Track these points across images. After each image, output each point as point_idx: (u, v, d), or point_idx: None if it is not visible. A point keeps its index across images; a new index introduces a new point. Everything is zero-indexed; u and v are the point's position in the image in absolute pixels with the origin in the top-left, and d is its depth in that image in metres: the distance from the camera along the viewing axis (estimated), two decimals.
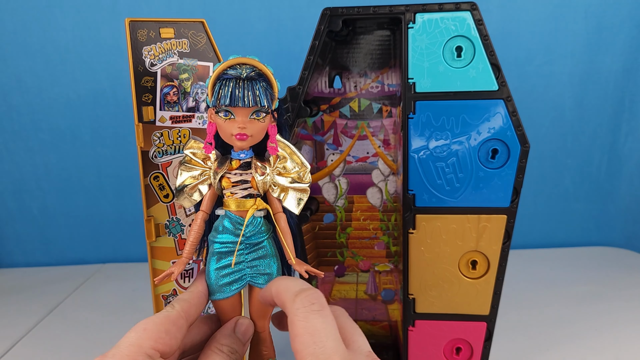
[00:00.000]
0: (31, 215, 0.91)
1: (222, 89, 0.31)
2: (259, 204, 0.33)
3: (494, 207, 0.44)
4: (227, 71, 0.31)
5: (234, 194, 0.33)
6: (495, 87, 0.42)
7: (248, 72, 0.31)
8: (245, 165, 0.33)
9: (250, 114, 0.31)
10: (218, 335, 0.32)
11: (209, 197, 0.34)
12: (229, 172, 0.33)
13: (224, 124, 0.32)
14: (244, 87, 0.30)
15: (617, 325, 0.62)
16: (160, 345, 0.29)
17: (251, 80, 0.31)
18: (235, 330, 0.33)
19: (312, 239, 0.54)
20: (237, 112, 0.31)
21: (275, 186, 0.34)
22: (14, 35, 0.83)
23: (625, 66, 0.83)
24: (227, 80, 0.31)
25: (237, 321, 0.34)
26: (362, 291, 0.56)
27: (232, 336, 0.32)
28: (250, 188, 0.33)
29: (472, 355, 0.48)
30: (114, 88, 0.85)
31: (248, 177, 0.33)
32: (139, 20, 0.44)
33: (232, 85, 0.30)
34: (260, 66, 0.32)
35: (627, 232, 0.91)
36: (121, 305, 0.73)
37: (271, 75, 0.32)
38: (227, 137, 0.32)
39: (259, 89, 0.31)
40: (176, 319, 0.30)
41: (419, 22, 0.42)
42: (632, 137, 0.86)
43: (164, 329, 0.29)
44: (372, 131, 0.52)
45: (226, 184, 0.33)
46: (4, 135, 0.87)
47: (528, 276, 0.77)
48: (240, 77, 0.31)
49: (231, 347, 0.31)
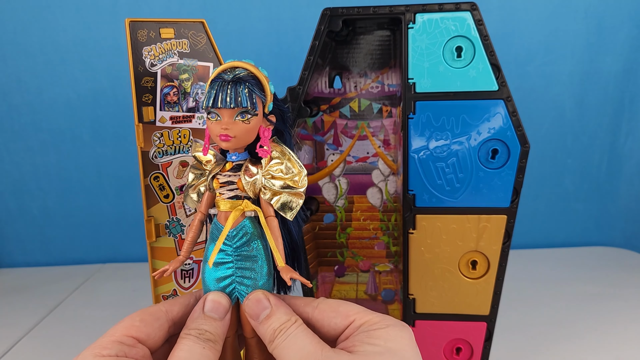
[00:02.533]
0: (31, 215, 0.91)
1: (209, 92, 0.31)
2: (246, 205, 0.33)
3: (494, 207, 0.44)
4: (219, 75, 0.32)
5: (222, 195, 0.33)
6: (495, 87, 0.42)
7: (236, 74, 0.31)
8: (237, 167, 0.34)
9: (235, 116, 0.31)
10: (188, 321, 0.31)
11: (206, 198, 0.35)
12: (220, 173, 0.34)
13: (212, 125, 0.32)
14: (227, 89, 0.31)
15: (617, 325, 0.62)
16: (133, 332, 0.29)
17: (236, 83, 0.31)
18: (205, 309, 0.32)
19: (312, 239, 0.54)
20: (222, 113, 0.31)
21: (266, 189, 0.33)
22: (14, 35, 0.83)
23: (625, 66, 0.83)
24: (214, 83, 0.31)
25: (205, 299, 0.32)
26: (362, 291, 0.56)
27: (201, 317, 0.31)
28: (237, 189, 0.33)
29: (472, 355, 0.48)
30: (114, 88, 0.85)
31: (235, 178, 0.33)
32: (139, 20, 0.44)
33: (217, 88, 0.31)
34: (252, 69, 0.32)
35: (627, 232, 0.91)
36: (121, 306, 0.73)
37: (264, 78, 0.32)
38: (214, 138, 0.33)
39: (242, 90, 0.31)
40: (154, 310, 0.31)
41: (419, 22, 0.42)
42: (632, 137, 0.86)
43: (138, 318, 0.30)
44: (372, 131, 0.52)
45: (215, 184, 0.34)
46: (4, 135, 0.87)
47: (528, 276, 0.77)
48: (225, 80, 0.31)
49: (199, 329, 0.30)
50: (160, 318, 0.31)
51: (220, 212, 0.33)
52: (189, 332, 0.30)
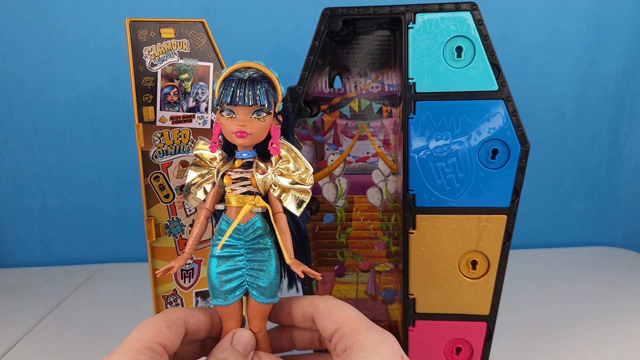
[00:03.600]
0: (31, 215, 0.91)
1: (226, 90, 0.32)
2: (257, 201, 0.34)
3: (494, 207, 0.44)
4: (233, 74, 0.33)
5: (233, 190, 0.34)
6: (495, 87, 0.42)
7: (251, 73, 0.32)
8: (248, 164, 0.34)
9: (251, 113, 0.33)
10: (215, 350, 0.32)
11: (212, 195, 0.35)
12: (231, 170, 0.34)
13: (226, 122, 0.33)
14: (245, 87, 0.32)
15: (617, 325, 0.62)
16: (162, 339, 0.30)
17: (253, 82, 0.32)
18: (233, 342, 0.33)
19: (312, 239, 0.54)
20: (238, 111, 0.32)
21: (276, 186, 0.35)
22: (14, 35, 0.83)
23: (625, 66, 0.83)
24: (230, 81, 0.32)
25: (235, 333, 0.33)
26: (362, 291, 0.56)
27: (230, 349, 0.32)
28: (250, 185, 0.34)
29: (472, 355, 0.49)
30: (114, 88, 0.85)
31: (248, 175, 0.34)
32: (139, 20, 0.44)
33: (234, 86, 0.32)
34: (264, 70, 0.33)
35: (627, 232, 0.91)
36: (121, 305, 0.73)
37: (275, 79, 0.34)
38: (228, 135, 0.33)
39: (260, 89, 0.32)
40: (176, 317, 0.32)
41: (419, 22, 0.42)
42: (632, 137, 0.86)
43: (164, 325, 0.30)
44: (372, 131, 0.52)
45: (227, 180, 0.34)
46: (4, 135, 0.87)
47: (528, 276, 0.77)
48: (242, 79, 0.32)
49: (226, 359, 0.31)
50: (181, 327, 0.32)
51: (230, 208, 0.34)
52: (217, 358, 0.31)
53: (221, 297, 0.34)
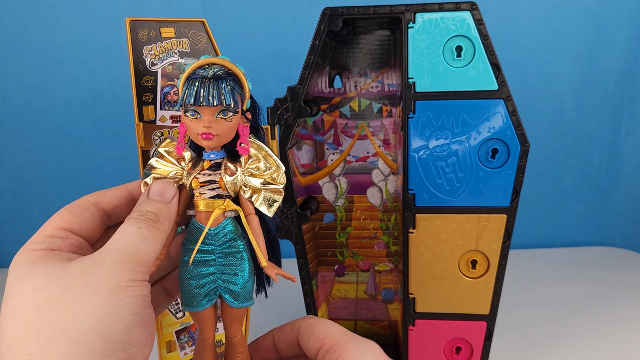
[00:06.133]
0: (31, 215, 0.91)
1: (189, 89, 0.30)
2: (227, 204, 0.32)
3: (494, 207, 0.44)
4: (196, 71, 0.31)
5: (202, 194, 0.33)
6: (495, 87, 0.42)
7: (215, 71, 0.30)
8: (216, 165, 0.33)
9: (217, 114, 0.31)
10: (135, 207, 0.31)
11: (182, 199, 0.33)
12: (199, 173, 0.33)
13: (191, 123, 0.31)
14: (209, 86, 0.30)
15: (617, 325, 0.62)
16: (63, 224, 0.30)
17: (217, 80, 0.30)
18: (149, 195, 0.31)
19: (312, 239, 0.54)
20: (203, 111, 0.31)
21: (247, 187, 0.33)
22: (14, 35, 0.83)
23: (625, 66, 0.83)
24: (194, 80, 0.30)
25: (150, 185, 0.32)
26: (362, 291, 0.56)
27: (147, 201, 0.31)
28: (219, 188, 0.33)
29: (472, 355, 0.49)
30: (114, 88, 0.85)
31: (216, 177, 0.33)
32: (139, 19, 0.44)
33: (197, 85, 0.30)
34: (230, 66, 0.31)
35: (627, 232, 0.91)
36: None
37: (242, 75, 0.32)
38: (194, 136, 0.32)
39: (225, 87, 0.30)
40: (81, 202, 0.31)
41: (419, 21, 0.42)
42: (632, 137, 0.86)
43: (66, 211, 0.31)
44: (372, 131, 0.52)
45: (195, 184, 0.33)
46: (4, 135, 0.87)
47: (528, 276, 0.77)
48: (206, 77, 0.30)
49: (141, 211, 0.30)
50: (89, 208, 0.31)
51: (200, 212, 0.33)
52: (130, 217, 0.30)
53: (194, 304, 0.32)
